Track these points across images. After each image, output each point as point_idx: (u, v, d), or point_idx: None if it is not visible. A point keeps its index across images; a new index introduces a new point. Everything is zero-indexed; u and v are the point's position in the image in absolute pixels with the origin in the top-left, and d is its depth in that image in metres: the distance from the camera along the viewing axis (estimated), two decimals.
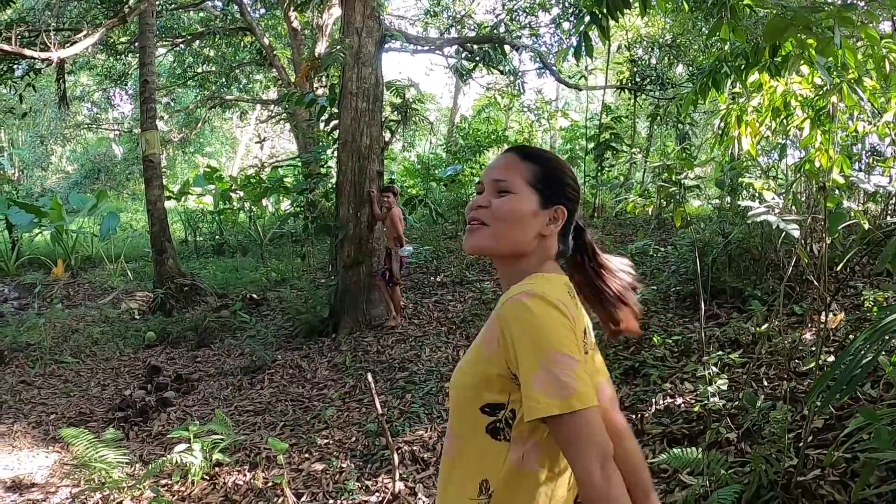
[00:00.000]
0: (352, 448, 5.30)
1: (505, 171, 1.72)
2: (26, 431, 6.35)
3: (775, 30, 2.56)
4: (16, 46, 9.19)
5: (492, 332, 1.60)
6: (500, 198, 1.70)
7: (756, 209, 3.35)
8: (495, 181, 1.72)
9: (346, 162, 8.59)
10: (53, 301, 11.61)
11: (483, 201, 1.72)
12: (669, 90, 13.48)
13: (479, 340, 1.66)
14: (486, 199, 1.72)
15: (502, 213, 1.68)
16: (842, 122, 3.91)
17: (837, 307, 5.27)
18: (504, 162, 1.75)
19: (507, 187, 1.70)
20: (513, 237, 1.69)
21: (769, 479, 3.18)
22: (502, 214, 1.68)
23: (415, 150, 23.57)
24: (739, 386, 4.49)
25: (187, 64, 19.52)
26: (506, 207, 1.68)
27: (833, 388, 2.13)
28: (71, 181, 30.21)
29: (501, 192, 1.70)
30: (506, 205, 1.68)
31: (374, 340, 8.05)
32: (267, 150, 29.46)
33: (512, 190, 1.70)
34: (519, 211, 1.68)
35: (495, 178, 1.72)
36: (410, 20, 20.35)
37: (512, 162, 1.74)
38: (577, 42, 4.12)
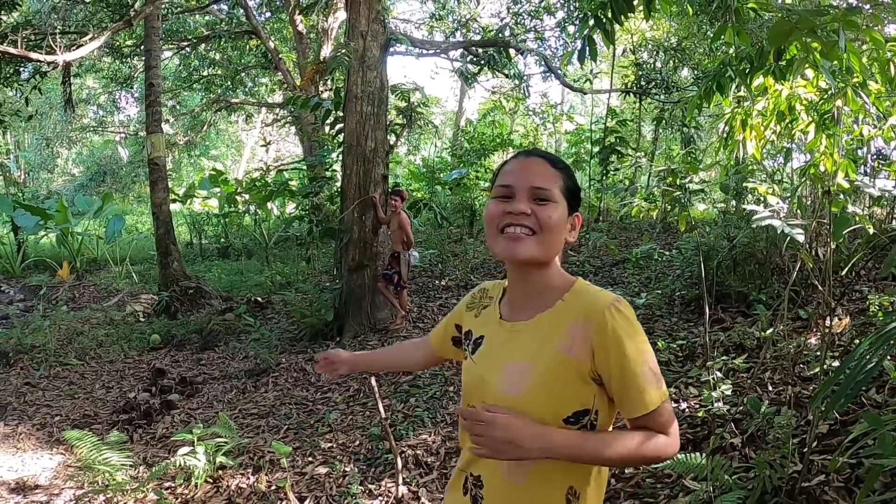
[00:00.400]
0: (355, 452, 5.29)
1: (545, 180, 1.72)
2: (31, 433, 6.36)
3: (780, 33, 2.56)
4: (22, 49, 9.24)
5: (579, 336, 1.63)
6: (541, 206, 1.70)
7: (760, 213, 3.34)
8: (536, 188, 1.71)
9: (351, 165, 8.59)
10: (58, 303, 11.64)
11: (525, 208, 1.69)
12: (674, 94, 13.46)
13: (549, 342, 1.67)
14: (527, 206, 1.69)
15: (552, 223, 1.69)
16: (847, 125, 3.89)
17: (843, 312, 5.25)
18: (541, 169, 1.74)
19: (549, 196, 1.70)
20: (555, 246, 1.73)
21: (773, 484, 3.16)
22: (551, 224, 1.69)
23: (420, 154, 23.58)
24: (744, 391, 4.47)
25: (193, 67, 19.57)
26: (554, 217, 1.69)
27: (837, 394, 2.12)
28: (77, 184, 30.27)
29: (542, 200, 1.70)
30: (553, 214, 1.69)
31: (379, 344, 8.05)
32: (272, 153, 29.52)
33: (553, 199, 1.71)
34: (561, 221, 1.72)
35: (537, 186, 1.71)
36: (416, 24, 20.35)
37: (547, 170, 1.74)
38: (581, 46, 4.11)
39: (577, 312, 1.66)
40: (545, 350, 1.66)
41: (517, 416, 1.61)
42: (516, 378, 1.68)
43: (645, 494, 3.75)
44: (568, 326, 1.65)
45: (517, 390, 1.66)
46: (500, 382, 1.71)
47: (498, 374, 1.73)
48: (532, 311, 1.76)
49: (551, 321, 1.70)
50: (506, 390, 1.68)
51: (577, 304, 1.69)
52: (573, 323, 1.65)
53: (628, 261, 9.46)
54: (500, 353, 1.78)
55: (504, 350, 1.77)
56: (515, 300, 1.83)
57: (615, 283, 8.70)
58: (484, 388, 1.76)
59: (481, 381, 1.78)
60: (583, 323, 1.63)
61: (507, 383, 1.69)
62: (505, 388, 1.69)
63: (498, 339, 1.81)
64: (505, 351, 1.76)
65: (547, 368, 1.64)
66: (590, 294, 1.70)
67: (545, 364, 1.65)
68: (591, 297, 1.68)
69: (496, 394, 1.70)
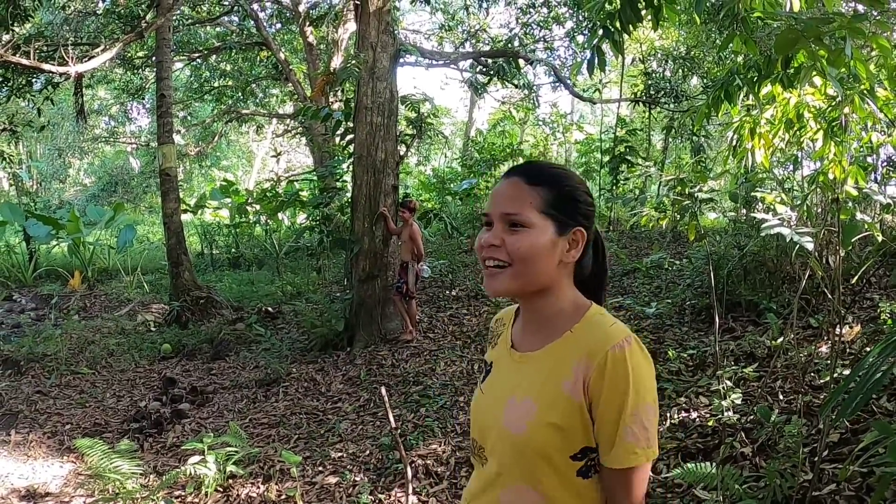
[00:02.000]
0: (365, 461, 5.30)
1: (513, 203, 1.57)
2: (41, 441, 6.39)
3: (786, 42, 2.56)
4: (34, 61, 9.31)
5: (581, 376, 1.51)
6: (513, 234, 1.56)
7: (769, 222, 3.34)
8: (505, 214, 1.58)
9: (362, 176, 8.61)
10: (70, 312, 11.69)
11: (495, 239, 1.57)
12: (684, 103, 13.46)
13: (553, 379, 1.56)
14: (499, 236, 1.57)
15: (520, 253, 1.55)
16: (856, 133, 3.89)
17: (853, 320, 5.24)
18: (510, 191, 1.60)
19: (520, 220, 1.56)
20: (535, 275, 1.58)
21: (784, 493, 3.15)
22: (521, 254, 1.55)
23: (430, 164, 23.63)
24: (754, 400, 4.46)
25: (204, 78, 19.70)
26: (523, 246, 1.55)
27: (846, 402, 2.11)
28: (88, 194, 30.50)
29: (514, 225, 1.56)
30: (522, 242, 1.55)
31: (389, 354, 8.06)
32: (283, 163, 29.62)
33: (524, 224, 1.56)
34: (536, 246, 1.56)
35: (505, 212, 1.58)
36: (425, 34, 20.44)
37: (518, 190, 1.59)
38: (590, 56, 4.12)
39: (582, 349, 1.54)
40: (549, 387, 1.56)
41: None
42: (520, 416, 1.58)
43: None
44: (573, 365, 1.54)
45: (521, 429, 1.56)
46: (504, 419, 1.62)
47: (501, 408, 1.64)
48: (542, 341, 1.64)
49: (558, 355, 1.59)
50: (510, 428, 1.59)
51: (584, 339, 1.56)
52: (577, 362, 1.53)
53: (638, 270, 9.45)
54: (505, 384, 1.68)
55: (510, 381, 1.67)
56: (527, 326, 1.71)
57: (625, 293, 8.69)
58: (490, 422, 1.68)
59: (485, 414, 1.71)
60: (585, 362, 1.51)
61: (510, 421, 1.60)
62: (509, 425, 1.59)
63: (506, 369, 1.72)
64: (510, 383, 1.67)
65: (550, 407, 1.54)
66: (599, 329, 1.56)
67: (548, 402, 1.55)
68: (599, 334, 1.54)
69: (500, 430, 1.62)
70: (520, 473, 1.58)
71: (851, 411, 2.04)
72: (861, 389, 2.03)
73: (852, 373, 2.32)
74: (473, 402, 1.80)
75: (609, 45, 4.05)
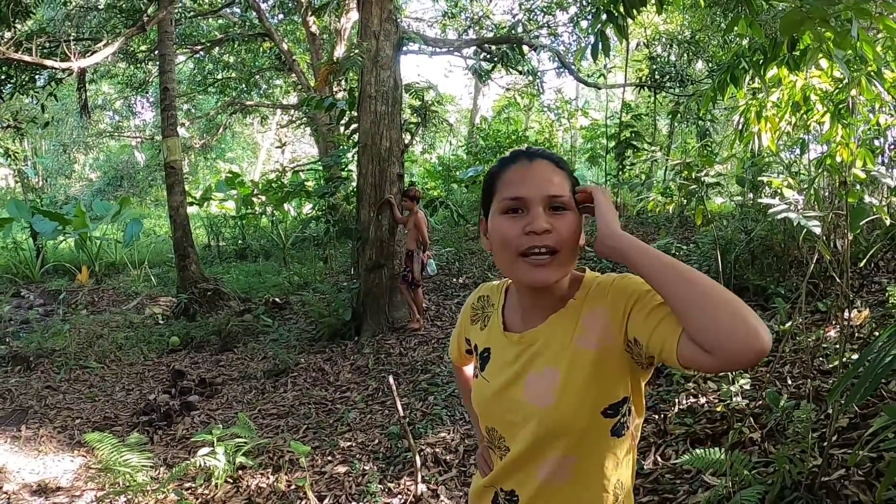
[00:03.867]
0: (374, 450, 5.30)
1: (557, 185, 1.54)
2: (52, 436, 6.41)
3: (792, 23, 2.53)
4: (37, 57, 9.29)
5: (598, 324, 1.51)
6: (559, 217, 1.52)
7: (777, 206, 3.32)
8: (552, 197, 1.53)
9: (367, 165, 8.60)
10: (78, 307, 11.72)
11: (548, 224, 1.50)
12: (689, 87, 13.39)
13: (565, 343, 1.56)
14: (548, 221, 1.51)
15: (572, 237, 1.53)
16: (863, 115, 3.86)
17: (862, 304, 5.21)
18: (549, 173, 1.55)
19: (566, 203, 1.54)
20: (575, 258, 1.57)
21: (793, 479, 3.14)
22: (572, 239, 1.53)
23: (435, 152, 23.60)
24: (763, 385, 4.44)
25: (207, 70, 19.69)
26: (573, 229, 1.53)
27: (855, 387, 2.10)
28: (94, 189, 30.50)
29: (557, 209, 1.53)
30: (572, 226, 1.53)
31: (397, 343, 8.06)
32: (288, 154, 29.63)
33: (569, 206, 1.54)
34: (579, 229, 1.56)
35: (552, 195, 1.53)
36: (428, 22, 20.40)
37: (555, 173, 1.56)
38: (593, 41, 4.09)
39: (587, 304, 1.55)
40: (566, 350, 1.54)
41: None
42: (545, 388, 1.55)
43: (664, 490, 3.73)
44: (582, 320, 1.54)
45: (549, 400, 1.54)
46: (528, 396, 1.59)
47: (520, 389, 1.61)
48: (542, 317, 1.62)
49: (564, 322, 1.58)
50: (537, 402, 1.56)
51: (588, 297, 1.57)
52: (587, 314, 1.54)
53: None
54: (513, 366, 1.65)
55: (519, 363, 1.64)
56: (524, 309, 1.69)
57: None
58: (508, 404, 1.64)
59: (500, 401, 1.66)
60: (597, 308, 1.52)
61: (535, 396, 1.57)
62: (535, 400, 1.56)
63: (510, 353, 1.67)
64: (520, 363, 1.63)
65: (574, 368, 1.52)
66: (598, 281, 1.59)
67: (570, 365, 1.53)
68: (599, 283, 1.57)
69: (526, 408, 1.58)
70: (553, 445, 1.56)
71: (860, 396, 2.03)
72: (870, 374, 2.02)
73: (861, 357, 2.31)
74: (477, 393, 1.75)
75: (613, 30, 4.03)
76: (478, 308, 1.87)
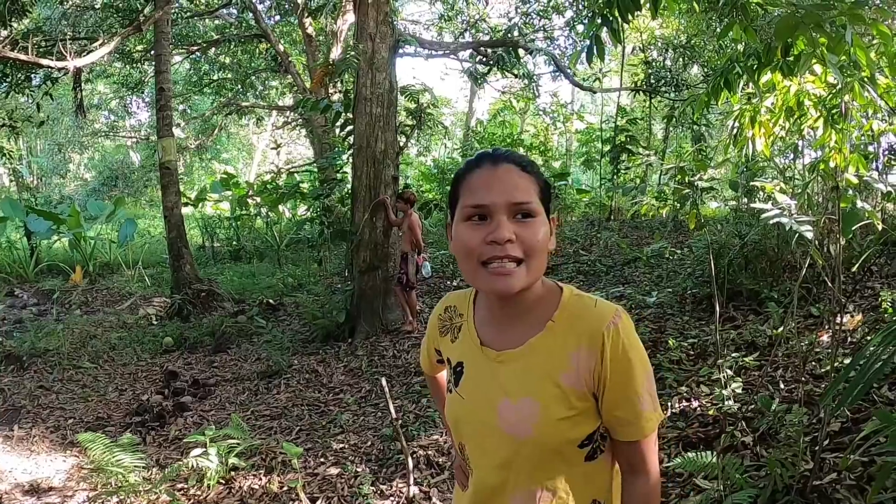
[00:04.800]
0: (367, 452, 5.30)
1: (523, 192, 1.47)
2: (44, 436, 6.40)
3: (785, 28, 2.54)
4: (33, 56, 9.29)
5: (582, 367, 1.48)
6: (524, 225, 1.46)
7: (769, 211, 3.33)
8: (516, 204, 1.46)
9: (361, 167, 8.60)
10: (72, 307, 11.70)
11: (510, 234, 1.44)
12: (684, 91, 13.43)
13: (551, 374, 1.51)
14: (511, 229, 1.44)
15: (538, 245, 1.47)
16: (857, 120, 3.87)
17: (855, 309, 5.23)
18: (514, 179, 1.48)
19: (531, 210, 1.48)
20: (541, 267, 1.51)
21: (785, 483, 3.15)
22: (538, 247, 1.47)
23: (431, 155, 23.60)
24: (755, 389, 4.45)
25: (203, 71, 19.68)
26: (539, 237, 1.47)
27: (847, 391, 2.11)
28: (89, 188, 30.46)
29: (524, 215, 1.47)
30: (537, 234, 1.47)
31: (391, 345, 8.07)
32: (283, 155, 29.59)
33: (534, 213, 1.48)
34: (545, 236, 1.49)
35: (516, 202, 1.46)
36: (425, 25, 20.36)
37: (520, 178, 1.49)
38: (588, 45, 4.10)
39: (575, 339, 1.49)
40: (548, 382, 1.51)
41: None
42: (523, 418, 1.52)
43: None
44: (569, 356, 1.49)
45: (528, 432, 1.51)
46: (502, 424, 1.55)
47: (494, 413, 1.57)
48: (520, 336, 1.57)
49: (547, 348, 1.53)
50: (514, 433, 1.53)
51: (573, 326, 1.51)
52: (574, 353, 1.49)
53: (639, 259, 9.43)
54: (489, 386, 1.60)
55: (494, 383, 1.58)
56: (497, 322, 1.63)
57: (626, 282, 8.68)
58: (480, 427, 1.61)
59: (473, 420, 1.63)
60: (586, 349, 1.48)
61: (511, 425, 1.54)
62: (511, 430, 1.54)
63: (485, 371, 1.61)
64: (495, 384, 1.58)
65: (555, 403, 1.50)
66: (586, 312, 1.52)
67: (552, 399, 1.50)
68: (588, 317, 1.50)
69: (501, 435, 1.55)
70: (531, 476, 1.56)
71: (852, 400, 2.04)
72: (861, 378, 2.03)
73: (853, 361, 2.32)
74: (451, 409, 1.71)
75: (608, 34, 4.04)
76: (445, 319, 1.80)
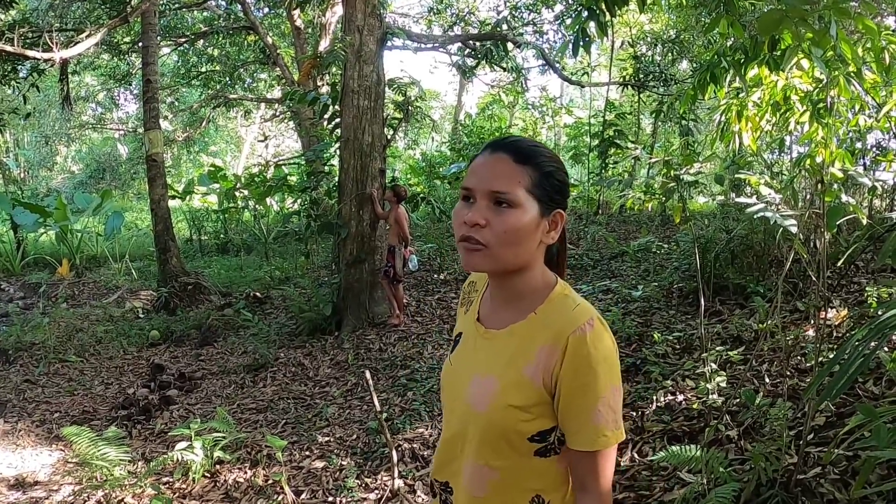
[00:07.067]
0: (352, 446, 5.30)
1: (503, 181, 1.50)
2: (30, 430, 6.37)
3: (770, 22, 2.54)
4: (19, 47, 9.21)
5: (543, 362, 1.51)
6: (499, 214, 1.49)
7: (754, 205, 3.33)
8: (493, 193, 1.50)
9: (348, 160, 8.57)
10: (58, 300, 11.65)
11: (480, 218, 1.50)
12: (673, 86, 13.45)
13: (516, 361, 1.56)
14: (484, 215, 1.50)
15: (506, 235, 1.49)
16: (843, 115, 3.88)
17: (840, 303, 5.25)
18: (499, 168, 1.52)
19: (508, 200, 1.49)
20: (514, 255, 1.53)
21: (769, 476, 3.16)
22: (506, 237, 1.50)
23: (419, 148, 23.59)
24: (740, 383, 4.46)
25: (191, 63, 19.55)
26: (509, 227, 1.49)
27: (830, 385, 2.11)
28: (76, 181, 30.33)
29: (500, 204, 1.50)
30: (509, 223, 1.49)
31: (377, 338, 8.06)
32: (272, 148, 29.52)
33: (513, 203, 1.50)
34: (523, 228, 1.50)
35: (494, 190, 1.50)
36: (414, 18, 20.31)
37: (507, 167, 1.52)
38: (574, 37, 4.09)
39: (547, 333, 1.53)
40: (511, 368, 1.55)
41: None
42: (482, 393, 1.58)
43: (640, 487, 3.74)
44: (536, 349, 1.53)
45: (483, 406, 1.57)
46: (468, 394, 1.62)
47: (467, 383, 1.64)
48: (507, 319, 1.63)
49: (522, 337, 1.58)
50: (473, 404, 1.60)
51: (549, 321, 1.55)
52: (541, 347, 1.52)
53: (626, 253, 9.46)
54: (472, 359, 1.68)
55: (476, 358, 1.67)
56: (494, 302, 1.70)
57: (613, 276, 8.70)
58: (456, 395, 1.69)
59: (453, 387, 1.72)
60: (550, 347, 1.50)
61: (474, 396, 1.60)
62: (472, 401, 1.61)
63: (472, 344, 1.71)
64: (476, 358, 1.67)
65: (511, 388, 1.54)
66: (562, 312, 1.55)
67: (509, 383, 1.54)
68: (562, 318, 1.53)
69: (464, 406, 1.64)
70: (479, 450, 1.61)
71: (835, 394, 2.04)
72: (846, 373, 2.03)
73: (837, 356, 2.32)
74: (443, 372, 1.80)
75: (595, 28, 4.03)
76: (466, 293, 1.90)
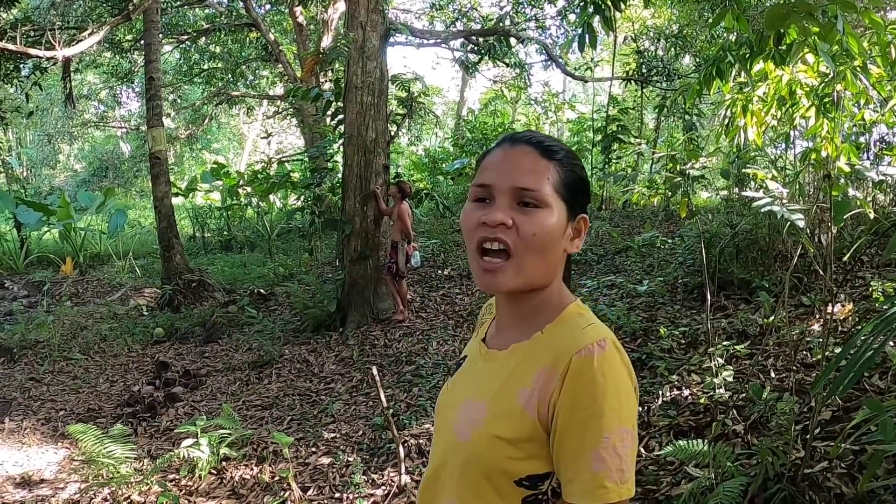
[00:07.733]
0: (358, 442, 5.30)
1: (530, 177, 1.30)
2: (35, 428, 6.38)
3: (777, 17, 2.54)
4: (21, 46, 9.21)
5: (541, 387, 1.25)
6: (525, 213, 1.28)
7: (761, 199, 3.33)
8: (520, 190, 1.29)
9: (352, 156, 8.57)
10: (62, 298, 11.65)
11: (506, 217, 1.28)
12: (676, 81, 13.42)
13: (511, 385, 1.31)
14: (508, 214, 1.28)
15: (536, 238, 1.28)
16: (848, 110, 3.87)
17: (846, 298, 5.24)
18: (525, 162, 1.31)
19: (537, 198, 1.29)
20: (543, 266, 1.32)
21: (776, 471, 3.16)
22: (535, 241, 1.28)
23: (422, 144, 23.57)
24: (746, 377, 4.46)
25: (193, 60, 19.52)
26: (540, 229, 1.28)
27: (837, 379, 2.11)
28: (79, 179, 30.34)
29: (526, 204, 1.29)
30: (538, 225, 1.28)
31: (382, 334, 8.06)
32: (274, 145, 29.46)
33: (543, 203, 1.29)
34: (554, 231, 1.30)
35: (520, 187, 1.29)
36: (416, 14, 20.28)
37: (535, 162, 1.31)
38: (580, 33, 4.09)
39: (548, 354, 1.28)
40: (503, 393, 1.31)
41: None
42: (469, 420, 1.35)
43: (647, 482, 3.74)
44: (535, 372, 1.28)
45: (466, 436, 1.33)
46: (454, 421, 1.39)
47: (456, 411, 1.41)
48: (512, 338, 1.39)
49: (523, 357, 1.34)
50: (457, 433, 1.36)
51: (553, 341, 1.31)
52: (541, 369, 1.27)
53: (631, 249, 9.44)
54: (467, 383, 1.47)
55: (470, 381, 1.46)
56: (501, 319, 1.46)
57: (618, 271, 8.69)
58: (444, 422, 1.46)
59: (444, 414, 1.48)
60: (549, 370, 1.25)
61: (458, 425, 1.37)
62: (456, 429, 1.37)
63: (473, 366, 1.50)
64: (470, 383, 1.45)
65: (500, 417, 1.29)
66: (571, 330, 1.30)
67: (499, 411, 1.30)
68: (569, 337, 1.28)
69: (449, 433, 1.40)
70: (458, 489, 1.35)
71: (843, 389, 2.04)
72: (852, 367, 2.03)
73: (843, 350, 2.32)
74: (438, 398, 1.56)
75: (600, 23, 4.03)
76: (483, 315, 1.66)
